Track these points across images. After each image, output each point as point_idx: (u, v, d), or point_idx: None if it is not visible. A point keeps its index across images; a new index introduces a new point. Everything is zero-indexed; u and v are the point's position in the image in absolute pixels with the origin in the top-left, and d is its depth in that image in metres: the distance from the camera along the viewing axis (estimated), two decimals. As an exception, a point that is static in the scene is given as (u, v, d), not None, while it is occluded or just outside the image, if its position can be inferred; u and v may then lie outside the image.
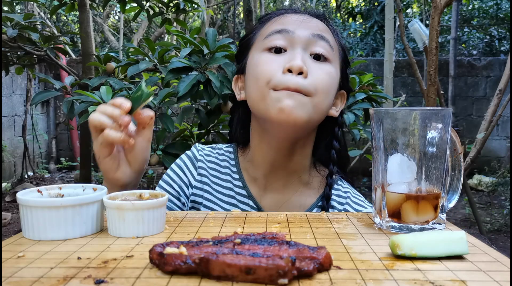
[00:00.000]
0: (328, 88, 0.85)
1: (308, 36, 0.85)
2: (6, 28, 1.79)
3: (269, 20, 0.91)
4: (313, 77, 0.83)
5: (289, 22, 0.87)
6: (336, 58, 0.89)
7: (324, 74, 0.84)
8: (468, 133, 5.76)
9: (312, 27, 0.87)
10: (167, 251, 0.49)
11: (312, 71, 0.83)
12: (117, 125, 0.74)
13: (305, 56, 0.84)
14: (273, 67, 0.83)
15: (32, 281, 0.46)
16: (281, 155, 0.90)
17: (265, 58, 0.85)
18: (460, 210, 4.43)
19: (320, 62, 0.85)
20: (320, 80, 0.83)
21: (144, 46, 4.91)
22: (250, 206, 0.92)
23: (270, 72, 0.83)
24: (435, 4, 1.96)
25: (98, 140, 0.76)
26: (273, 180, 0.93)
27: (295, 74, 0.81)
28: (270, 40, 0.86)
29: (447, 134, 0.65)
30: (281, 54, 0.85)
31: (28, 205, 0.61)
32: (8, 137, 5.29)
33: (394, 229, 0.66)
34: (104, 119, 0.74)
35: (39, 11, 5.72)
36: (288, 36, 0.85)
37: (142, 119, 0.78)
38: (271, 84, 0.82)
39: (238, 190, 0.94)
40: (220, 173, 0.96)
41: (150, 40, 1.64)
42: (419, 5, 8.46)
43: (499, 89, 2.44)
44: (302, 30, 0.86)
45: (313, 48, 0.85)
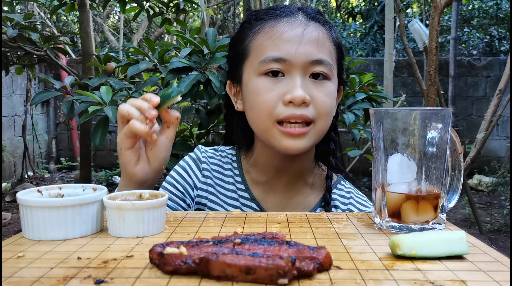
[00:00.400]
0: (331, 109, 0.86)
1: (305, 62, 0.83)
2: (6, 28, 1.79)
3: (262, 30, 0.87)
4: (315, 103, 0.83)
5: (285, 45, 0.83)
6: (334, 66, 0.87)
7: (325, 97, 0.84)
8: (468, 133, 5.76)
9: (310, 47, 0.83)
10: (167, 251, 0.49)
11: (313, 96, 0.82)
12: (143, 117, 0.75)
13: (305, 82, 0.83)
14: (272, 97, 0.82)
15: (32, 281, 0.46)
16: (285, 161, 0.91)
17: (263, 85, 0.84)
18: (460, 210, 4.43)
19: (319, 81, 0.84)
20: (323, 104, 0.83)
21: (144, 46, 4.91)
22: (253, 209, 0.92)
23: (270, 103, 0.82)
24: (435, 4, 1.96)
25: (122, 131, 0.77)
26: (276, 183, 0.93)
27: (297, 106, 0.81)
28: (266, 65, 0.84)
29: (447, 134, 0.65)
30: (279, 79, 0.83)
31: (28, 205, 0.61)
32: (8, 137, 5.29)
33: (394, 229, 0.66)
34: (132, 109, 0.75)
35: (39, 11, 5.72)
36: (284, 63, 0.83)
37: (168, 118, 0.79)
38: (273, 116, 0.82)
39: (241, 193, 0.94)
40: (223, 175, 0.96)
41: (150, 40, 1.64)
42: (419, 5, 8.46)
43: (499, 89, 2.44)
44: (299, 55, 0.82)
45: (312, 69, 0.84)
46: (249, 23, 0.91)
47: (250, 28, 0.90)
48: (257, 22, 0.89)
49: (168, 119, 0.79)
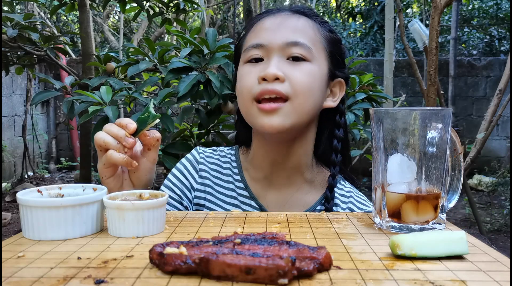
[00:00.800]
0: (310, 87, 0.85)
1: (282, 45, 0.85)
2: (6, 28, 1.79)
3: (252, 27, 0.92)
4: (291, 80, 0.83)
5: (264, 32, 0.88)
6: (319, 52, 0.88)
7: (303, 75, 0.84)
8: (468, 133, 5.76)
9: (287, 32, 0.87)
10: (167, 251, 0.49)
11: (289, 74, 0.84)
12: (121, 146, 0.74)
13: (281, 61, 0.85)
14: (251, 78, 0.86)
15: (32, 281, 0.46)
16: (280, 154, 0.91)
17: (244, 70, 0.88)
18: (460, 210, 4.43)
19: (298, 62, 0.85)
20: (299, 81, 0.84)
21: (144, 46, 4.91)
22: (253, 207, 0.92)
23: (249, 84, 0.86)
24: (435, 4, 1.96)
25: (101, 160, 0.76)
26: (274, 179, 0.93)
27: (271, 81, 0.83)
28: (247, 53, 0.89)
29: (447, 134, 0.65)
30: (259, 64, 0.87)
31: (28, 205, 0.61)
32: (8, 137, 5.29)
33: (394, 229, 0.66)
34: (108, 139, 0.74)
35: (39, 11, 5.72)
36: (263, 48, 0.87)
37: (148, 141, 0.78)
38: (251, 95, 0.85)
39: (240, 191, 0.94)
40: (222, 174, 0.96)
41: (150, 40, 1.64)
42: (419, 5, 8.46)
43: (499, 89, 2.44)
44: (275, 39, 0.86)
45: (289, 51, 0.86)
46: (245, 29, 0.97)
47: (246, 28, 0.96)
48: (250, 23, 0.95)
49: (147, 142, 0.78)
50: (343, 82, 0.94)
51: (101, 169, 0.77)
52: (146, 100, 1.46)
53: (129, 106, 1.61)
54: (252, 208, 0.92)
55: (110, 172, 0.78)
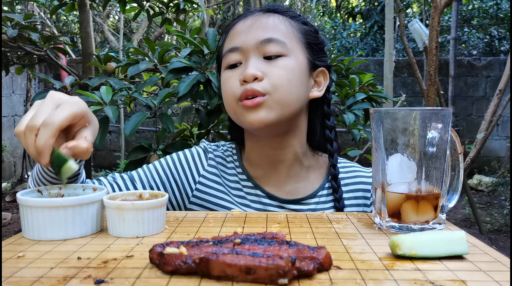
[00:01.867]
0: (288, 80, 0.87)
1: (256, 44, 0.88)
2: (6, 28, 1.79)
3: (227, 34, 0.95)
4: (269, 77, 0.86)
5: (237, 35, 0.91)
6: (295, 46, 0.91)
7: (279, 70, 0.87)
8: (468, 133, 5.76)
9: (259, 31, 0.89)
10: (167, 251, 0.49)
11: (267, 72, 0.86)
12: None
13: (258, 61, 0.88)
14: (232, 82, 0.89)
15: (32, 281, 0.46)
16: (275, 149, 0.93)
17: (225, 76, 0.91)
18: (460, 210, 4.43)
19: (273, 60, 0.88)
20: (277, 77, 0.86)
21: (144, 46, 4.91)
22: (259, 196, 0.94)
23: (231, 88, 0.89)
24: (435, 4, 1.96)
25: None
26: (274, 174, 0.95)
27: (251, 82, 0.86)
28: (225, 59, 0.92)
29: (447, 134, 0.65)
30: (238, 68, 0.90)
31: (28, 205, 0.61)
32: (8, 137, 5.29)
33: (394, 229, 0.66)
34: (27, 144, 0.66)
35: (39, 11, 5.72)
36: (238, 51, 0.90)
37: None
38: (235, 97, 0.88)
39: (244, 182, 0.95)
40: (226, 168, 0.98)
41: (150, 40, 1.64)
42: (419, 5, 8.46)
43: (499, 89, 2.44)
44: (249, 40, 0.89)
45: (264, 50, 0.88)
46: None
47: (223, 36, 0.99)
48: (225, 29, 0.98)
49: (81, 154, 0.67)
50: (325, 71, 0.96)
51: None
52: (146, 100, 1.46)
53: (129, 106, 1.61)
54: (258, 197, 0.94)
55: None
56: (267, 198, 0.94)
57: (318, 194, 0.95)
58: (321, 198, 0.95)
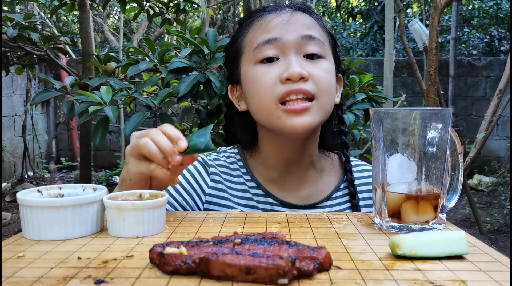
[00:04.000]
0: (330, 85, 0.85)
1: (297, 39, 0.83)
2: (6, 28, 1.79)
3: (252, 26, 0.88)
4: (314, 78, 0.82)
5: (274, 27, 0.84)
6: (328, 49, 0.88)
7: (323, 73, 0.83)
8: (468, 133, 5.76)
9: (299, 27, 0.84)
10: (167, 251, 0.49)
11: (311, 72, 0.82)
12: (166, 162, 0.67)
13: (299, 60, 0.83)
14: (270, 78, 0.82)
15: (32, 281, 0.46)
16: (295, 152, 0.90)
17: (260, 71, 0.84)
18: (460, 210, 4.43)
19: (314, 60, 0.84)
20: (322, 79, 0.83)
21: (144, 46, 4.91)
22: (271, 204, 0.90)
23: (269, 85, 0.82)
24: (435, 4, 1.96)
25: (140, 168, 0.69)
26: (289, 177, 0.92)
27: (296, 81, 0.80)
28: (260, 51, 0.84)
29: (447, 134, 0.65)
30: (275, 63, 0.83)
31: (28, 205, 0.61)
32: (8, 137, 5.29)
33: (394, 229, 0.66)
34: (155, 151, 0.67)
35: (39, 11, 5.72)
36: (277, 44, 0.83)
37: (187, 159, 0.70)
38: (274, 97, 0.81)
39: (254, 190, 0.91)
40: (232, 176, 0.93)
41: (150, 40, 1.64)
42: (419, 5, 8.46)
43: (499, 89, 2.43)
44: (290, 33, 0.83)
45: (305, 49, 0.83)
46: (240, 26, 0.93)
47: (241, 29, 0.92)
48: (247, 21, 0.91)
49: (186, 161, 0.69)
50: (341, 77, 0.95)
51: (135, 174, 0.70)
52: (146, 100, 1.46)
53: (129, 106, 1.61)
54: (271, 205, 0.90)
55: (143, 179, 0.71)
56: (280, 205, 0.90)
57: (332, 196, 0.93)
58: (335, 200, 0.93)
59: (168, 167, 0.67)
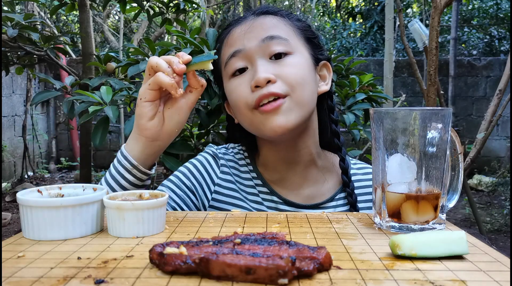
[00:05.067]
0: (302, 78, 0.85)
1: (258, 43, 0.85)
2: (6, 28, 1.79)
3: (223, 43, 0.92)
4: (283, 78, 0.83)
5: (236, 39, 0.88)
6: (296, 43, 0.89)
7: (291, 69, 0.84)
8: (468, 133, 5.76)
9: (259, 31, 0.87)
10: (167, 251, 0.49)
11: (278, 73, 0.83)
12: (171, 70, 0.75)
13: (265, 63, 0.84)
14: (243, 89, 0.85)
15: (32, 281, 0.46)
16: (291, 151, 0.90)
17: (233, 84, 0.87)
18: (460, 210, 4.43)
19: (281, 59, 0.85)
20: (290, 76, 0.84)
21: (144, 46, 4.91)
22: (275, 202, 0.91)
23: (243, 95, 0.85)
24: (435, 4, 1.96)
25: (147, 82, 0.77)
26: (291, 177, 0.92)
27: (264, 86, 0.82)
28: (229, 66, 0.88)
29: (447, 134, 0.65)
30: (246, 73, 0.86)
31: (28, 205, 0.61)
32: (8, 137, 5.29)
33: (394, 229, 0.66)
34: (161, 62, 0.75)
35: (39, 11, 5.72)
36: (241, 55, 0.86)
37: (194, 82, 0.79)
38: (249, 105, 0.84)
39: (260, 188, 0.93)
40: (240, 172, 0.95)
41: (150, 40, 1.64)
42: (419, 5, 8.46)
43: (499, 89, 2.43)
44: (250, 41, 0.86)
45: (269, 50, 0.85)
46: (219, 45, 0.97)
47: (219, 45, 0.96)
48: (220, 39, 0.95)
49: (193, 83, 0.79)
50: (327, 63, 0.95)
51: (144, 91, 0.77)
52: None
53: (129, 106, 1.61)
54: (275, 203, 0.91)
55: (152, 95, 0.77)
56: (284, 204, 0.91)
57: (336, 197, 0.93)
58: (339, 201, 0.93)
59: (173, 76, 0.74)
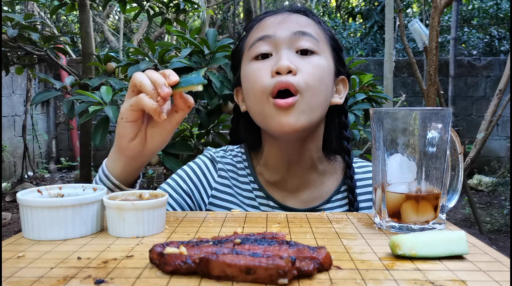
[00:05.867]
0: (320, 80, 0.85)
1: (290, 35, 0.85)
2: (7, 28, 1.79)
3: (252, 29, 0.92)
4: (303, 73, 0.83)
5: (268, 26, 0.88)
6: (325, 47, 0.89)
7: (313, 68, 0.84)
8: (468, 133, 5.76)
9: (292, 25, 0.87)
10: (167, 251, 0.49)
11: (300, 67, 0.83)
12: (155, 93, 0.69)
13: (291, 55, 0.84)
14: (263, 73, 0.84)
15: (32, 281, 0.46)
16: (295, 153, 0.90)
17: (253, 67, 0.86)
18: (460, 210, 4.43)
19: (307, 56, 0.85)
20: (310, 74, 0.83)
21: (144, 46, 4.91)
22: (271, 207, 0.91)
23: (261, 81, 0.84)
24: (435, 4, 1.96)
25: (129, 101, 0.72)
26: (290, 179, 0.92)
27: (284, 74, 0.82)
28: (254, 48, 0.87)
29: (447, 134, 0.65)
30: (268, 59, 0.86)
31: (28, 205, 0.61)
32: (8, 137, 5.29)
33: (394, 229, 0.66)
34: (146, 81, 0.69)
35: (39, 11, 5.72)
36: (270, 40, 0.86)
37: (180, 103, 0.72)
38: (266, 91, 0.83)
39: (256, 192, 0.93)
40: (238, 175, 0.94)
41: (150, 40, 1.64)
42: (419, 5, 8.46)
43: (499, 89, 2.43)
44: (282, 30, 0.86)
45: (297, 44, 0.85)
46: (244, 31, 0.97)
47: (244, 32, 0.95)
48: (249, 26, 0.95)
49: (179, 104, 0.73)
50: (346, 80, 0.95)
51: (125, 111, 0.72)
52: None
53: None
54: (271, 208, 0.91)
55: (133, 116, 0.72)
56: (280, 208, 0.91)
57: (332, 199, 0.93)
58: (335, 202, 0.93)
59: (157, 99, 0.69)
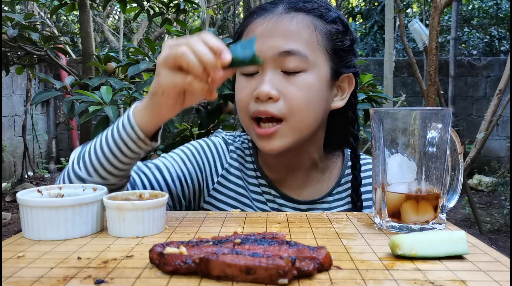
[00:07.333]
0: (307, 102, 0.81)
1: (275, 55, 0.80)
2: (7, 28, 1.79)
3: (245, 30, 0.87)
4: (286, 97, 0.79)
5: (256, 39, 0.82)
6: (317, 55, 0.82)
7: (299, 90, 0.80)
8: (468, 133, 5.76)
9: (279, 40, 0.80)
10: (167, 251, 0.49)
11: (284, 91, 0.79)
12: (205, 76, 0.63)
13: (275, 76, 0.80)
14: (246, 94, 0.82)
15: (32, 281, 0.46)
16: (292, 158, 0.90)
17: (239, 84, 0.85)
18: (460, 210, 4.43)
19: (294, 75, 0.80)
20: (296, 98, 0.80)
21: (144, 46, 4.91)
22: (273, 195, 0.91)
23: (245, 100, 0.83)
24: (435, 4, 1.96)
25: (173, 78, 0.65)
26: (290, 179, 0.92)
27: (265, 100, 0.79)
28: None
29: (447, 134, 0.65)
30: (254, 77, 0.82)
31: (28, 205, 0.61)
32: (8, 137, 5.29)
33: (394, 229, 0.66)
34: (194, 63, 0.62)
35: (39, 11, 5.72)
36: None
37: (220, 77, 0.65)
38: (248, 113, 0.82)
39: (260, 180, 0.92)
40: (246, 161, 0.94)
41: (150, 40, 1.64)
42: (419, 5, 8.46)
43: (499, 89, 2.43)
44: (267, 48, 0.80)
45: (283, 64, 0.80)
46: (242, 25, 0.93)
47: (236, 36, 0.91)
48: (240, 28, 0.90)
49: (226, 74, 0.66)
50: (351, 76, 0.89)
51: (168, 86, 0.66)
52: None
53: (129, 106, 1.61)
54: (273, 196, 0.91)
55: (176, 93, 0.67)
56: (281, 198, 0.91)
57: (334, 192, 0.93)
58: (336, 195, 0.93)
59: (207, 81, 0.64)
